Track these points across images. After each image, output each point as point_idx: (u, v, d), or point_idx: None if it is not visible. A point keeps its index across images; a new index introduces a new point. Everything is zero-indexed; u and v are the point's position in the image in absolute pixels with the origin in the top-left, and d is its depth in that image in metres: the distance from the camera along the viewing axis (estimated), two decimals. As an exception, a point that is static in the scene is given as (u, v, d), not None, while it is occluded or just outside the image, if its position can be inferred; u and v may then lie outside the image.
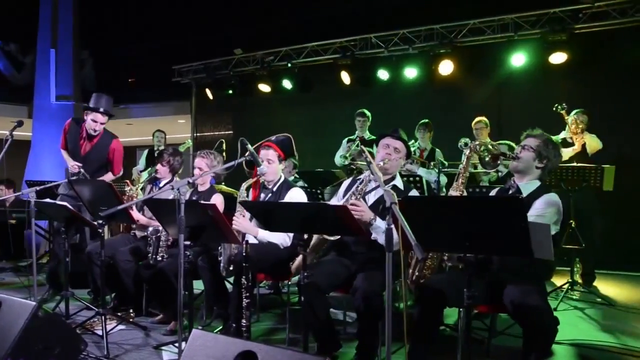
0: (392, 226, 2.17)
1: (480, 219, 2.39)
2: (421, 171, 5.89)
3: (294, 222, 2.96)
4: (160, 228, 4.11)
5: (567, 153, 5.56)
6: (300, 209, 2.93)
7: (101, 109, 5.07)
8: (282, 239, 3.81)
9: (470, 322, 2.58)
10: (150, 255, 4.29)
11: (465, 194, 3.41)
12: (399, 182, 3.66)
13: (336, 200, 3.74)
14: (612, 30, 6.84)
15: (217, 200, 4.33)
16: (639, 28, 6.62)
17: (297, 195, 3.94)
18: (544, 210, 3.04)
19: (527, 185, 3.23)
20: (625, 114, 6.67)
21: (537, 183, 3.24)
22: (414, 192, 3.68)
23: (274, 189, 4.00)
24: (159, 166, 4.78)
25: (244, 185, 3.91)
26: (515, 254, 2.68)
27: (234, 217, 3.57)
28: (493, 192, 3.54)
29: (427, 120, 6.78)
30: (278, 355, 2.29)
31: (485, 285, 3.10)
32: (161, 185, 4.82)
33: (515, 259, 2.98)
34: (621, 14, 6.69)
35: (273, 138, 4.25)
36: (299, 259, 3.41)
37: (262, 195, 4.04)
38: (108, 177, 5.24)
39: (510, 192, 3.29)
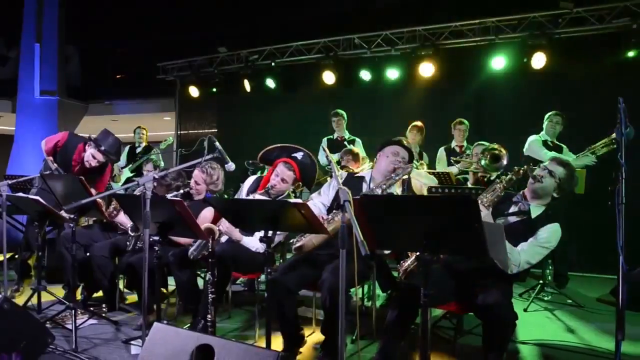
0: (345, 224, 2.21)
1: (436, 218, 2.42)
2: (414, 172, 5.83)
3: (259, 220, 2.99)
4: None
5: None
6: (263, 206, 2.96)
7: (102, 148, 4.94)
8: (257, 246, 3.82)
9: (427, 320, 2.62)
10: (128, 244, 4.31)
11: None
12: (393, 190, 3.68)
13: (326, 198, 3.78)
14: (590, 35, 6.95)
15: (207, 214, 4.28)
16: (616, 34, 6.73)
17: None
18: (549, 242, 3.13)
19: (536, 207, 3.27)
20: (602, 118, 6.72)
21: (543, 208, 3.29)
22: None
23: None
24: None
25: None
26: (470, 254, 2.73)
27: (222, 218, 3.58)
28: None
29: (420, 123, 6.81)
30: (234, 349, 2.34)
31: (455, 286, 3.15)
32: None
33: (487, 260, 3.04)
34: (599, 20, 6.80)
35: (299, 156, 4.10)
36: (307, 238, 3.43)
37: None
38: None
39: (520, 207, 3.31)
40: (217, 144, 3.47)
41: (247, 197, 3.93)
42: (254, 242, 3.79)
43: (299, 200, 2.85)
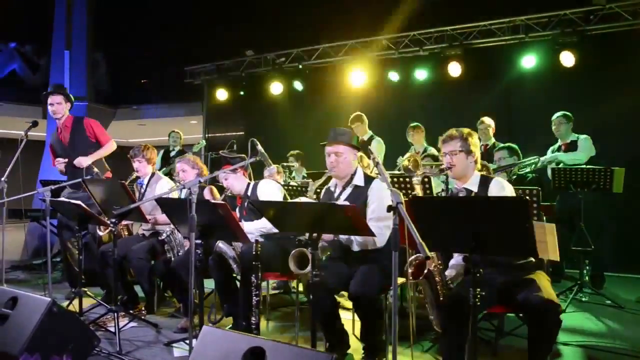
0: (397, 226, 2.21)
1: (486, 219, 2.41)
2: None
3: (304, 222, 3.00)
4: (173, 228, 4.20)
5: None
6: (308, 209, 2.97)
7: (51, 92, 5.33)
8: (263, 225, 3.84)
9: (476, 322, 2.61)
10: (168, 255, 4.39)
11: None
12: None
13: None
14: (624, 31, 6.80)
15: (208, 194, 4.43)
16: (651, 29, 6.60)
17: (266, 187, 4.05)
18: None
19: (471, 183, 3.24)
20: (636, 115, 6.64)
21: (477, 175, 3.26)
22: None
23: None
24: (136, 164, 4.87)
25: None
26: (520, 254, 2.71)
27: None
28: None
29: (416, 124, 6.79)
30: (286, 352, 2.34)
31: (499, 288, 3.10)
32: (144, 182, 4.89)
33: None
34: (633, 15, 6.65)
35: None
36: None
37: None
38: (101, 151, 5.35)
39: (460, 193, 3.27)
40: (259, 147, 3.49)
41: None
42: (256, 224, 3.86)
43: (347, 203, 2.85)
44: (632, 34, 6.76)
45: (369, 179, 3.56)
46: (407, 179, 4.19)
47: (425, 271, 2.74)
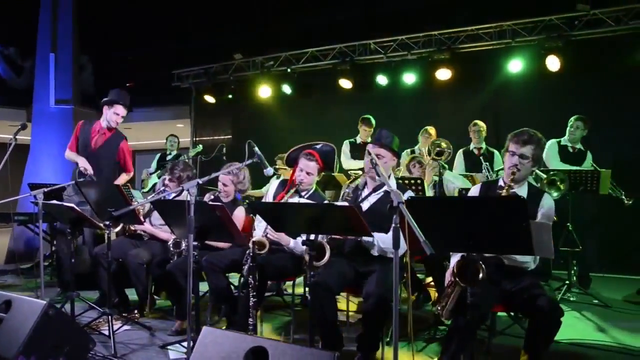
0: (399, 225, 2.25)
1: (483, 218, 2.45)
2: (448, 174, 5.79)
3: (301, 223, 3.02)
4: (179, 239, 4.19)
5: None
6: (307, 210, 3.00)
7: (121, 102, 5.26)
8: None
9: (473, 319, 2.65)
10: (171, 257, 4.37)
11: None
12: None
13: None
14: (607, 37, 6.97)
15: (240, 214, 4.40)
16: (633, 35, 6.75)
17: None
18: (553, 216, 3.15)
19: (520, 189, 3.28)
20: (621, 119, 6.79)
21: (526, 186, 3.29)
22: (409, 194, 3.68)
23: (306, 197, 4.05)
24: (167, 180, 4.77)
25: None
26: (516, 253, 2.76)
27: (268, 227, 3.63)
28: (476, 189, 3.52)
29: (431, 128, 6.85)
30: (288, 351, 2.36)
31: (498, 287, 3.14)
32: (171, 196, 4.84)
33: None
34: (616, 21, 6.82)
35: (318, 146, 4.18)
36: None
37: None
38: (122, 178, 5.35)
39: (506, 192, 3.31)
40: (257, 149, 3.52)
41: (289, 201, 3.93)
42: (299, 246, 3.81)
43: (345, 204, 2.88)
44: (615, 39, 6.93)
45: (402, 189, 3.62)
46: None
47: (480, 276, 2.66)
